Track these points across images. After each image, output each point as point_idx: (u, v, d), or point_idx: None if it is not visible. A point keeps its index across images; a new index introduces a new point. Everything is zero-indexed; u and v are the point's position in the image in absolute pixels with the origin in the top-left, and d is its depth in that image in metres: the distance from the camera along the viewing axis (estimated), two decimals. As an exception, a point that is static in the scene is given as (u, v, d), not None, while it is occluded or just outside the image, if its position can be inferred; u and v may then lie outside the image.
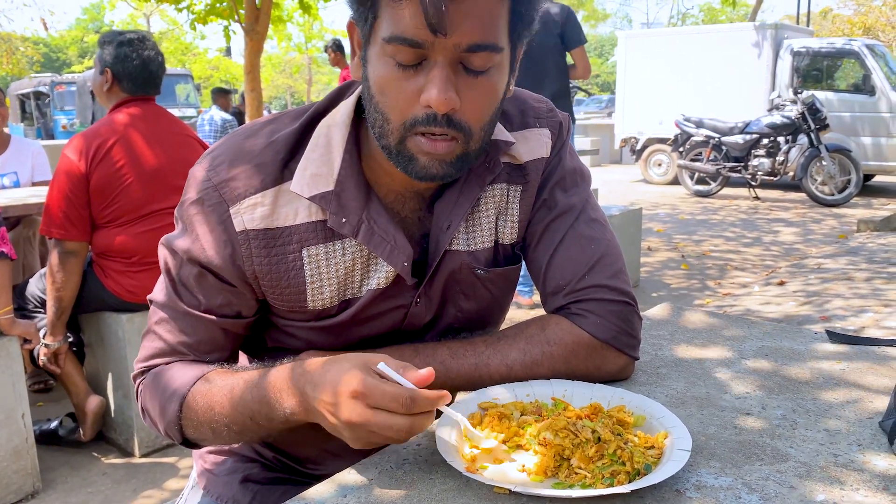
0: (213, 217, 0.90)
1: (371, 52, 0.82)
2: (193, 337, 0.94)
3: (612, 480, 0.74)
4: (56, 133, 14.33)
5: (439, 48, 0.78)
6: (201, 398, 0.89)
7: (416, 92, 0.80)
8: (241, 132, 0.95)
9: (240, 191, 0.89)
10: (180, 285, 0.93)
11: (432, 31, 0.76)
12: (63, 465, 2.60)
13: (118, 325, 2.59)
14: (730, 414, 0.92)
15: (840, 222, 7.49)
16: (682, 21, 41.78)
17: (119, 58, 2.55)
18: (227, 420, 0.87)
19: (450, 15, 0.75)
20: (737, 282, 5.11)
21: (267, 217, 0.90)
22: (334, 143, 0.91)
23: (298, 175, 0.90)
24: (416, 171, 0.85)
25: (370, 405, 0.73)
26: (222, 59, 32.74)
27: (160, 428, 0.94)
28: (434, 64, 0.79)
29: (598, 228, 1.03)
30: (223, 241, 0.90)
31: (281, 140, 0.92)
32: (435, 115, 0.80)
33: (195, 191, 0.91)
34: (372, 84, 0.83)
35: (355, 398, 0.73)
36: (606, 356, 0.98)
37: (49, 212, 2.46)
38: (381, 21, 0.79)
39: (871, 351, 1.13)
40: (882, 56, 9.76)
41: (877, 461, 0.80)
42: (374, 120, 0.85)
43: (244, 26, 6.77)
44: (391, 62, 0.80)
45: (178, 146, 2.61)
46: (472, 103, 0.81)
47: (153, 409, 0.94)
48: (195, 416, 0.89)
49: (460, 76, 0.80)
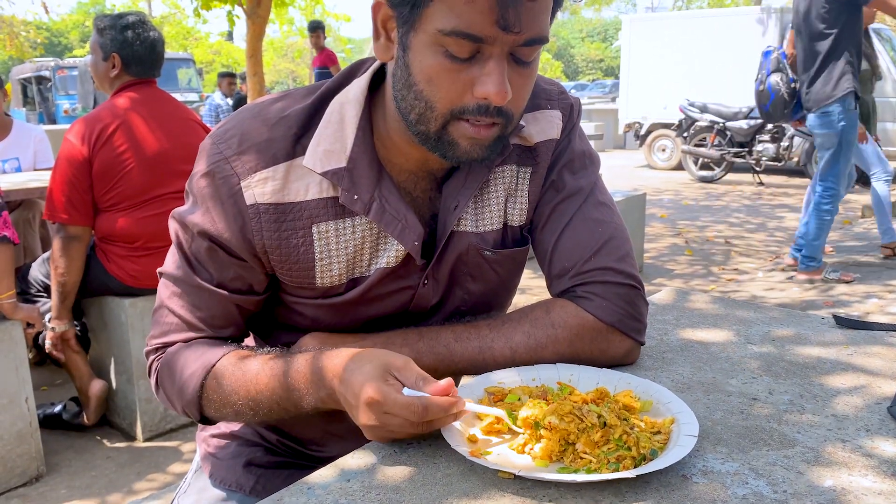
0: (223, 190, 0.89)
1: (415, 39, 0.80)
2: (207, 311, 0.94)
3: (618, 465, 0.74)
4: (58, 118, 14.29)
5: (499, 43, 0.78)
6: (226, 382, 0.90)
7: (468, 83, 0.80)
8: (252, 108, 0.94)
9: (251, 164, 0.88)
10: (193, 259, 0.93)
11: (502, 29, 0.76)
12: (67, 448, 2.61)
13: (121, 310, 2.59)
14: (736, 399, 0.91)
15: (845, 208, 7.44)
16: (688, 4, 41.46)
17: (127, 42, 2.52)
18: (252, 404, 0.89)
19: (522, 13, 0.76)
20: (741, 268, 5.10)
21: (278, 192, 0.89)
22: (347, 120, 0.90)
23: (311, 150, 0.89)
24: (456, 156, 0.85)
25: (386, 412, 0.76)
26: (224, 43, 32.59)
27: (177, 407, 0.95)
28: (490, 57, 0.79)
29: (605, 212, 1.02)
30: (233, 215, 0.89)
31: (293, 116, 0.91)
32: (487, 106, 0.81)
33: (205, 164, 0.90)
34: (415, 72, 0.81)
35: (371, 405, 0.76)
36: (611, 340, 0.97)
37: (52, 197, 2.45)
38: (435, 10, 0.77)
39: (878, 336, 1.12)
40: (888, 40, 9.66)
41: (885, 446, 0.79)
42: (411, 106, 0.84)
43: (246, 10, 6.72)
44: (442, 52, 0.79)
45: (181, 130, 2.60)
46: (518, 92, 0.83)
47: (170, 389, 0.94)
48: (218, 397, 0.90)
49: (511, 67, 0.81)
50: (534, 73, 0.85)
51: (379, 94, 0.93)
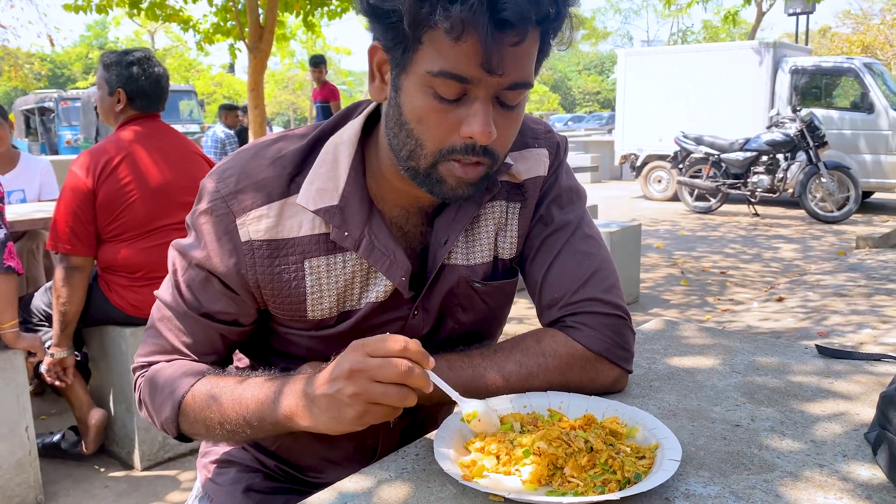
0: (220, 227, 0.95)
1: (407, 80, 0.85)
2: (192, 338, 0.99)
3: (604, 489, 0.77)
4: (60, 148, 14.42)
5: (484, 85, 0.82)
6: (199, 397, 0.93)
7: (455, 123, 0.85)
8: (251, 149, 0.99)
9: (246, 203, 0.94)
10: (185, 287, 0.98)
11: (486, 71, 0.81)
12: (65, 477, 2.62)
13: (122, 339, 2.62)
14: (720, 425, 0.94)
15: (839, 239, 7.52)
16: (683, 39, 42.06)
17: (132, 78, 2.59)
18: (219, 418, 0.92)
19: (506, 58, 0.80)
20: (736, 298, 5.14)
21: (272, 228, 0.94)
22: (341, 160, 0.95)
23: (305, 189, 0.94)
24: (443, 193, 0.90)
25: (370, 377, 0.78)
26: (225, 75, 32.98)
27: (156, 422, 0.99)
28: (476, 98, 0.84)
29: (592, 244, 1.06)
30: (229, 251, 0.95)
31: (288, 156, 0.97)
32: (473, 146, 0.86)
33: (205, 202, 0.96)
34: (406, 112, 0.86)
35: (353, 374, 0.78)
36: (600, 368, 1.01)
37: (56, 227, 2.50)
38: (425, 54, 0.82)
39: (858, 365, 1.16)
40: (880, 74, 9.83)
41: (861, 471, 0.82)
42: (402, 143, 0.89)
43: (248, 44, 6.85)
44: (431, 93, 0.84)
45: (184, 162, 2.65)
46: (503, 134, 0.87)
47: (151, 404, 0.99)
48: (191, 412, 0.94)
49: (496, 110, 0.85)
50: (519, 116, 0.90)
51: (373, 136, 0.98)
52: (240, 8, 7.44)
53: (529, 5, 0.78)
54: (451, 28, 0.78)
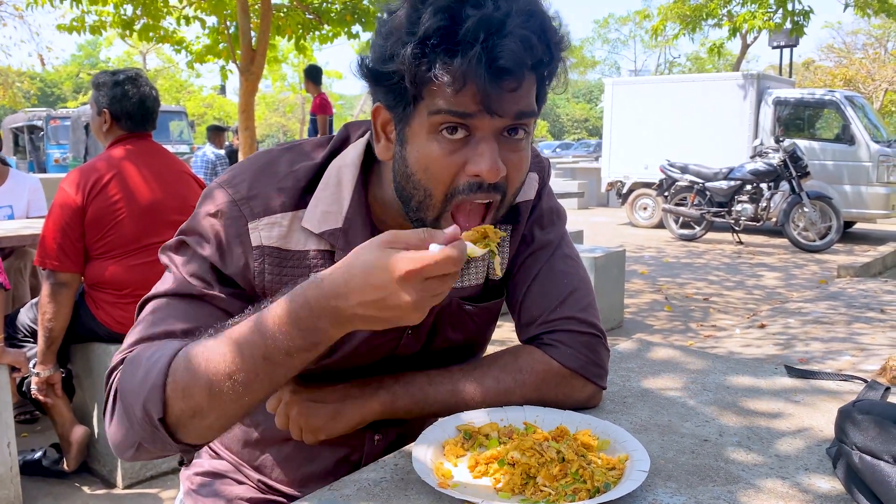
0: (231, 230, 0.95)
1: (410, 132, 0.87)
2: (195, 322, 0.91)
3: (574, 497, 0.80)
4: (48, 166, 14.39)
5: (488, 123, 0.84)
6: (195, 355, 0.81)
7: (460, 164, 0.85)
8: (261, 157, 1.01)
9: (259, 209, 0.95)
10: (188, 274, 0.94)
11: (487, 112, 0.83)
12: (46, 495, 2.61)
13: (107, 356, 2.62)
14: (689, 440, 0.98)
15: (821, 268, 7.62)
16: (670, 69, 42.72)
17: (116, 98, 2.63)
18: (229, 370, 0.79)
19: (504, 101, 0.83)
20: (719, 324, 5.19)
21: (283, 237, 0.96)
22: (344, 184, 0.98)
23: (310, 211, 0.96)
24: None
25: (427, 277, 0.72)
26: (216, 96, 33.10)
27: (134, 411, 0.83)
28: (481, 138, 0.85)
29: (571, 264, 1.11)
30: (238, 254, 0.95)
31: (302, 171, 0.98)
32: (480, 184, 0.86)
33: (213, 205, 0.96)
34: (412, 162, 0.88)
35: (409, 278, 0.71)
36: (575, 385, 1.04)
37: (44, 243, 2.51)
38: (427, 104, 0.84)
39: (824, 384, 1.20)
40: (861, 107, 10.04)
41: (821, 483, 0.86)
42: (410, 195, 0.89)
43: (240, 67, 6.91)
44: (435, 137, 0.85)
45: (174, 182, 2.68)
46: (513, 168, 0.88)
47: (130, 381, 0.85)
48: (187, 374, 0.81)
49: (503, 143, 0.87)
50: (527, 147, 0.91)
51: (374, 160, 1.00)
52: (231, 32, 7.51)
53: (525, 52, 0.81)
54: (452, 81, 0.81)
